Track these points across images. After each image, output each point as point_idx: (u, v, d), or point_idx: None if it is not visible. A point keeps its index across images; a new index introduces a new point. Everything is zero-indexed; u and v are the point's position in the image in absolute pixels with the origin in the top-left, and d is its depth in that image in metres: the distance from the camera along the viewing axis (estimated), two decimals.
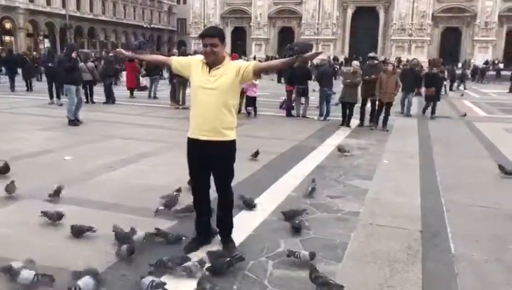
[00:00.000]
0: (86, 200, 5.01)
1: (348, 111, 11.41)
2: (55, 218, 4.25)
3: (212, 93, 3.50)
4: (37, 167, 6.52)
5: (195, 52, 18.55)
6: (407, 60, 37.25)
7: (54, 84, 14.44)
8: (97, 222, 4.23)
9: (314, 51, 3.65)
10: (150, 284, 3.04)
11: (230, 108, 3.60)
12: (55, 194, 4.99)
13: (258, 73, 3.69)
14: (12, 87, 18.55)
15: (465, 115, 13.94)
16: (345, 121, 11.43)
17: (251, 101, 12.89)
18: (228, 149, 3.68)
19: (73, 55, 10.57)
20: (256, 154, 7.23)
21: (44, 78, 18.52)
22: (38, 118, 11.49)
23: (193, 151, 3.71)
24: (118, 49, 4.30)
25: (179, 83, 14.00)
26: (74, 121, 10.25)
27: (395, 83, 11.07)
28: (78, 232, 4.00)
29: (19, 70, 19.93)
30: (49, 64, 14.74)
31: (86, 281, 3.06)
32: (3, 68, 20.48)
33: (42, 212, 4.32)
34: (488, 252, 4.03)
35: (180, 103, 14.21)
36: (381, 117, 11.30)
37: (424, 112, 13.96)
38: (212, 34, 3.52)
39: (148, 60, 4.00)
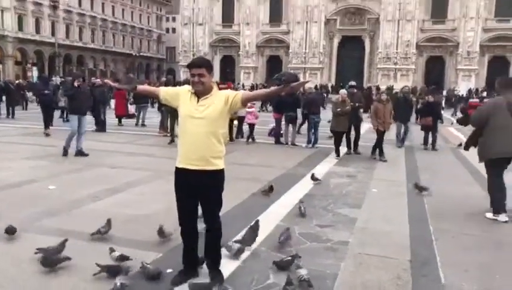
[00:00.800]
0: (69, 230, 4.86)
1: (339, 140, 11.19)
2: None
3: (201, 123, 3.50)
4: (21, 197, 6.38)
5: (186, 81, 18.66)
6: (389, 87, 37.75)
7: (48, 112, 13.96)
8: (80, 254, 4.12)
9: (301, 80, 3.67)
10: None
11: (219, 137, 3.59)
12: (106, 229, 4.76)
13: (245, 102, 3.70)
14: None
15: (460, 145, 13.56)
16: (338, 151, 11.12)
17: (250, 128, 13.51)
18: (217, 178, 3.66)
19: (76, 83, 10.26)
20: (271, 189, 6.89)
21: (30, 105, 18.21)
22: (23, 146, 11.35)
23: (181, 180, 3.67)
24: (106, 80, 4.30)
25: (167, 111, 14.04)
26: (67, 151, 9.99)
27: (389, 111, 11.05)
28: (51, 263, 3.89)
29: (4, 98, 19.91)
30: (45, 92, 14.24)
31: None
32: None
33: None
34: (477, 281, 4.01)
35: (169, 130, 14.19)
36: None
37: (425, 142, 13.17)
38: (199, 65, 3.54)
39: (137, 92, 4.01)
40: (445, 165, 10.53)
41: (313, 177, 7.99)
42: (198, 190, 3.63)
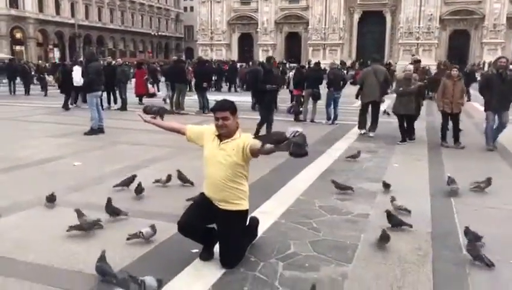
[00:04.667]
0: (95, 204, 5.01)
1: (405, 124, 9.67)
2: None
3: (221, 167, 3.56)
4: (46, 173, 6.60)
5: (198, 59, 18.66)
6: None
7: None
8: (109, 226, 4.27)
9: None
10: (293, 134, 3.17)
11: (239, 180, 3.64)
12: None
13: (254, 153, 3.54)
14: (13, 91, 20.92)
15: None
16: (404, 136, 9.68)
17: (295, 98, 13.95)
18: (238, 218, 3.68)
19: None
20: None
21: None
22: (49, 125, 11.62)
23: (206, 199, 3.73)
24: (138, 113, 4.32)
25: (178, 88, 14.60)
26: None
27: (461, 90, 9.44)
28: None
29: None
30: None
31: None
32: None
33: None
34: (500, 252, 4.00)
35: (179, 107, 14.67)
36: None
37: None
38: (223, 108, 3.58)
39: (164, 127, 4.12)
40: (468, 140, 10.02)
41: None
42: (217, 222, 3.69)
